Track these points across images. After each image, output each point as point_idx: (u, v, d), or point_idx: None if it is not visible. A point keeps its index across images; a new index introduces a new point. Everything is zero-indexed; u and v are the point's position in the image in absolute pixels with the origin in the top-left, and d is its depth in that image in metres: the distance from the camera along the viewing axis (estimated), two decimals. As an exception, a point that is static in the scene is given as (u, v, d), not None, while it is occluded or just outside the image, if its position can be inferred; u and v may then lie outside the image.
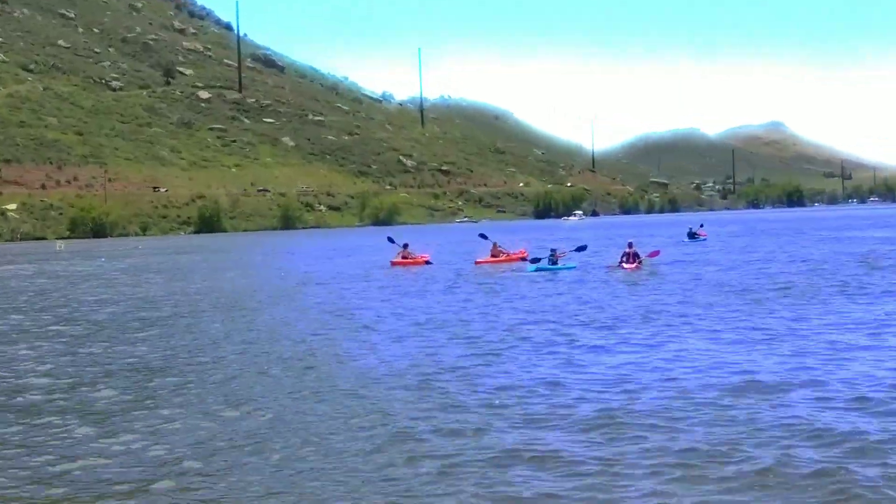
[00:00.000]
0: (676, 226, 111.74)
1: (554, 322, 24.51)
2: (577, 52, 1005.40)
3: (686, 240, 75.44)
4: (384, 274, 47.93)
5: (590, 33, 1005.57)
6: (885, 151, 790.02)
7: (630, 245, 45.25)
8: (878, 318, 23.16)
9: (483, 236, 57.31)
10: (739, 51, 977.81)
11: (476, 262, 52.02)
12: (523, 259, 50.62)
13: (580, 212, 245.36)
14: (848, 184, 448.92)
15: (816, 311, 25.10)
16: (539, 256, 46.74)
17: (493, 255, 53.20)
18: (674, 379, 16.08)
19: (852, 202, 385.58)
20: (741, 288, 33.01)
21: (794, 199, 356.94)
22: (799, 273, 39.14)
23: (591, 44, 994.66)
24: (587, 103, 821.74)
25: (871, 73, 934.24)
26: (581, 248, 49.50)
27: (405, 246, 54.78)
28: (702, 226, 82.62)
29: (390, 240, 58.74)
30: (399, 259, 53.59)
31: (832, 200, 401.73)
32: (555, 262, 45.24)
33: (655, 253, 46.29)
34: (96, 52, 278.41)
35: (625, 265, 43.46)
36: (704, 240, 75.77)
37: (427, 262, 52.81)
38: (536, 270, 44.14)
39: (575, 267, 44.73)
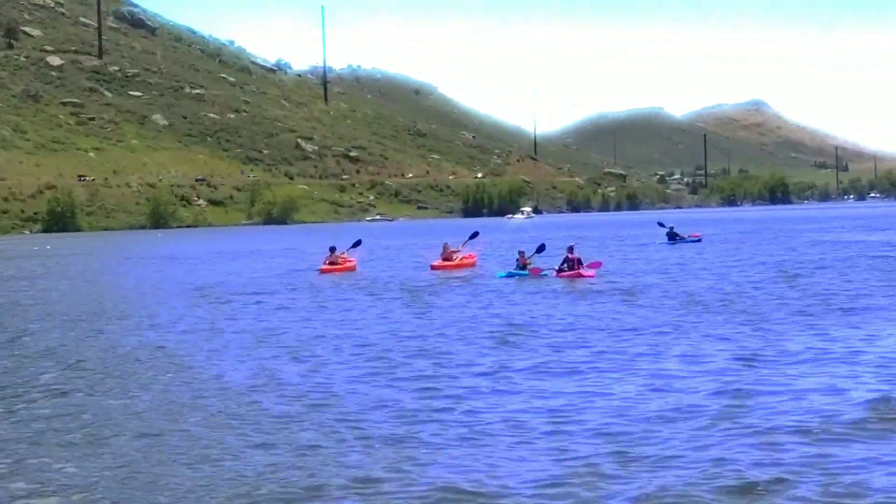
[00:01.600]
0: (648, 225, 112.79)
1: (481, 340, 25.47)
2: (517, 15, 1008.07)
3: (667, 242, 76.02)
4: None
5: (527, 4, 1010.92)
6: (887, 138, 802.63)
7: (571, 250, 46.18)
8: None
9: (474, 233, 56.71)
10: (713, 17, 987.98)
11: (432, 267, 52.16)
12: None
13: (528, 209, 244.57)
14: (843, 176, 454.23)
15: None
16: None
17: (444, 259, 53.08)
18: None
19: (849, 198, 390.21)
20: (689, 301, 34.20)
21: (779, 194, 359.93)
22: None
23: (534, 5, 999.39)
24: (529, 76, 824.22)
25: (869, 48, 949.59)
26: (540, 249, 48.88)
27: (332, 249, 54.42)
28: (675, 234, 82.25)
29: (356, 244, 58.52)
30: (326, 264, 53.53)
31: (824, 196, 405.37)
32: (523, 267, 45.62)
33: (597, 264, 45.75)
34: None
35: (564, 273, 44.39)
36: (698, 241, 76.13)
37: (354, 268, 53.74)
38: (508, 276, 44.93)
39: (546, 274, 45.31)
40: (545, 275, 44.51)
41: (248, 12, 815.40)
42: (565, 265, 44.38)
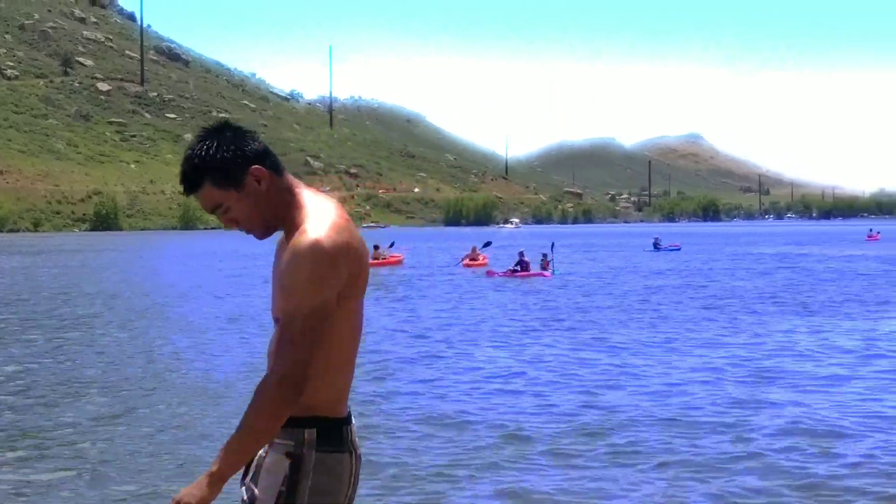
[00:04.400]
0: (613, 236, 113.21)
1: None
2: (493, 56, 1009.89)
3: (651, 249, 77.35)
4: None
5: (507, 36, 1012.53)
6: (804, 167, 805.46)
7: (522, 254, 47.03)
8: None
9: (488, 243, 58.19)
10: (658, 59, 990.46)
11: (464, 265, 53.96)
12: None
13: (517, 220, 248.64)
14: (765, 199, 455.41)
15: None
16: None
17: (472, 259, 54.69)
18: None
19: (769, 218, 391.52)
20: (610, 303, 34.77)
21: (710, 213, 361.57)
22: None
23: (509, 47, 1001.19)
24: (502, 108, 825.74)
25: (792, 87, 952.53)
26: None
27: (376, 247, 55.33)
28: (657, 244, 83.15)
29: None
30: (371, 258, 54.51)
31: (749, 216, 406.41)
32: (546, 266, 46.48)
33: (543, 274, 45.80)
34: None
35: (517, 273, 45.20)
36: (677, 249, 77.89)
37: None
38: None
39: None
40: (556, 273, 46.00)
41: (267, 48, 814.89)
42: (518, 266, 45.37)
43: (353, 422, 3.70)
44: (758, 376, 17.28)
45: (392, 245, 61.41)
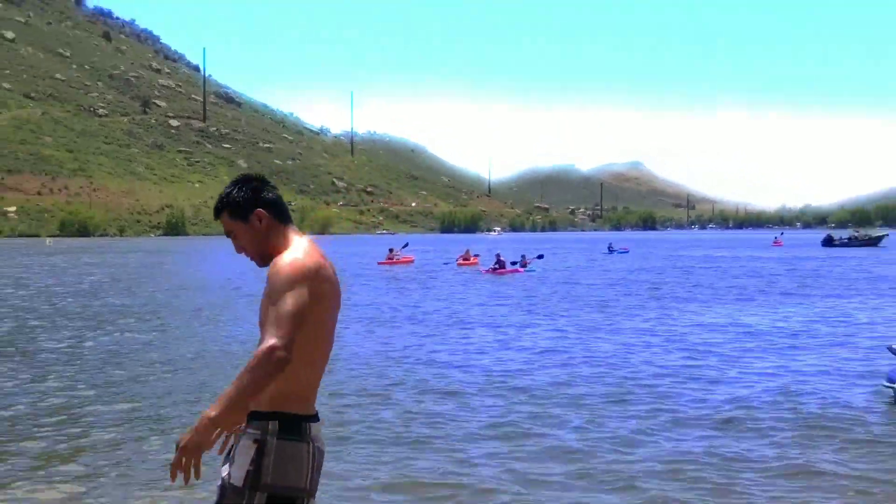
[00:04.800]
0: (572, 242, 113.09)
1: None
2: (480, 98, 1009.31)
3: (606, 252, 77.36)
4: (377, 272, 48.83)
5: (491, 82, 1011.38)
6: (723, 188, 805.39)
7: (498, 255, 47.53)
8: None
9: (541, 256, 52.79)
10: (610, 100, 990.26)
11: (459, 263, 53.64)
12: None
13: (499, 228, 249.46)
14: (692, 213, 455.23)
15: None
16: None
17: (465, 259, 54.26)
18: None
19: (695, 228, 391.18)
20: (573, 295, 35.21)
21: (649, 224, 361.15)
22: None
23: (493, 91, 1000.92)
24: (487, 140, 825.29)
25: (713, 123, 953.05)
26: (540, 256, 51.41)
27: (391, 251, 56.77)
28: (611, 248, 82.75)
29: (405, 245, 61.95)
30: (386, 259, 55.46)
31: (679, 226, 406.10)
32: (525, 266, 47.13)
33: (517, 271, 45.88)
34: (86, 85, 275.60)
35: (496, 270, 45.68)
36: (626, 252, 77.80)
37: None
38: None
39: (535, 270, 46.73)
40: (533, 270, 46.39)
41: (302, 93, 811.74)
42: (496, 265, 45.75)
43: (319, 421, 3.69)
44: (685, 349, 17.77)
45: (406, 246, 61.61)
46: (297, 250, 3.68)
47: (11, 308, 26.39)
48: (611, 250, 78.41)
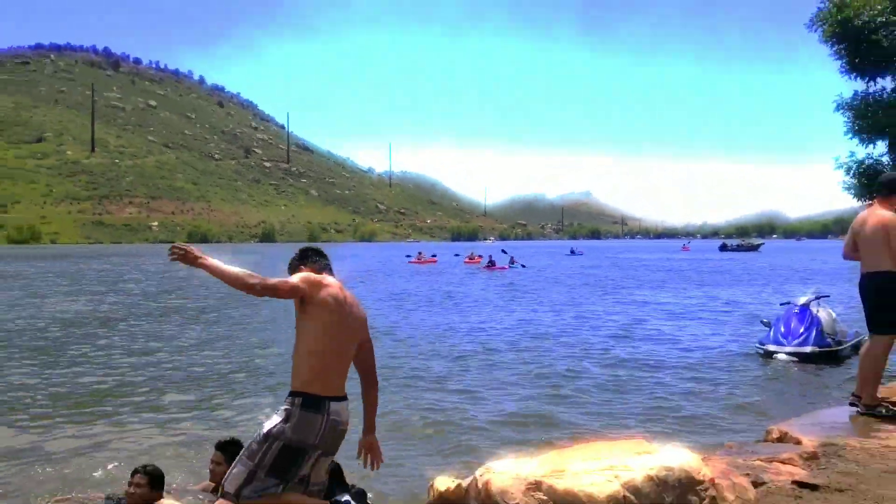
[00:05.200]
0: (548, 248, 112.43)
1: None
2: (480, 143, 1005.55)
3: (569, 254, 76.69)
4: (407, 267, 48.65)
5: (487, 135, 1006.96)
6: (647, 210, 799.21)
7: (491, 256, 47.58)
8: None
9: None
10: (569, 146, 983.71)
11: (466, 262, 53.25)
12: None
13: (492, 238, 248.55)
14: (624, 227, 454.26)
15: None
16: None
17: (470, 259, 54.17)
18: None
19: (626, 238, 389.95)
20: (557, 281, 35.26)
21: (595, 235, 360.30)
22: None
23: (488, 141, 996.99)
24: (484, 176, 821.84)
25: (644, 163, 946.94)
26: (523, 266, 46.70)
27: (419, 253, 57.66)
28: (572, 251, 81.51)
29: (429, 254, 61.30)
30: (416, 259, 55.42)
31: (616, 236, 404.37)
32: (513, 263, 45.91)
33: (504, 268, 45.06)
34: (206, 138, 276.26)
35: (490, 266, 45.81)
36: (581, 254, 76.81)
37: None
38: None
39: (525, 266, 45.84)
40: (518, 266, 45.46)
41: (356, 143, 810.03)
42: (490, 263, 45.83)
43: (343, 401, 3.69)
44: (623, 320, 17.98)
45: (434, 256, 60.94)
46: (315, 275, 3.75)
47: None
48: (573, 252, 78.31)
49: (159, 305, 21.67)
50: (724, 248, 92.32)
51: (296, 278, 3.65)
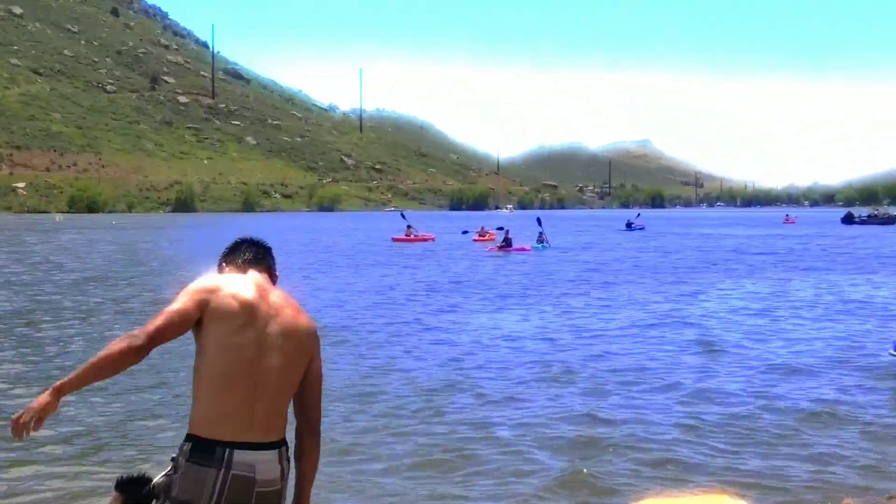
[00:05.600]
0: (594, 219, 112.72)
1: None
2: (488, 73, 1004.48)
3: (624, 229, 77.07)
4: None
5: (499, 56, 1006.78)
6: (730, 166, 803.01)
7: (507, 232, 47.70)
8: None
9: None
10: (617, 76, 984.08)
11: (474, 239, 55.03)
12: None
13: (511, 206, 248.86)
14: (700, 191, 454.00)
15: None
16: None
17: (480, 235, 55.40)
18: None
19: (702, 206, 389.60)
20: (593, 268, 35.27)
21: (657, 202, 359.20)
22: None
23: (501, 65, 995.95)
24: (496, 117, 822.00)
25: (721, 101, 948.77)
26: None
27: (408, 227, 56.80)
28: (638, 215, 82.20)
29: (402, 216, 61.21)
30: (403, 236, 55.63)
31: (687, 204, 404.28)
32: (541, 242, 48.37)
33: (524, 249, 46.11)
34: (95, 61, 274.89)
35: (503, 247, 46.07)
36: (642, 229, 77.36)
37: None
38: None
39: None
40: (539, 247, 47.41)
41: (311, 69, 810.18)
42: (504, 242, 46.05)
43: (261, 450, 3.58)
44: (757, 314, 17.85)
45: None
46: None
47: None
48: (629, 226, 77.64)
49: (26, 303, 21.47)
50: (849, 219, 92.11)
51: (180, 298, 3.60)
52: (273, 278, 3.92)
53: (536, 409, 10.39)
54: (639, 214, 79.45)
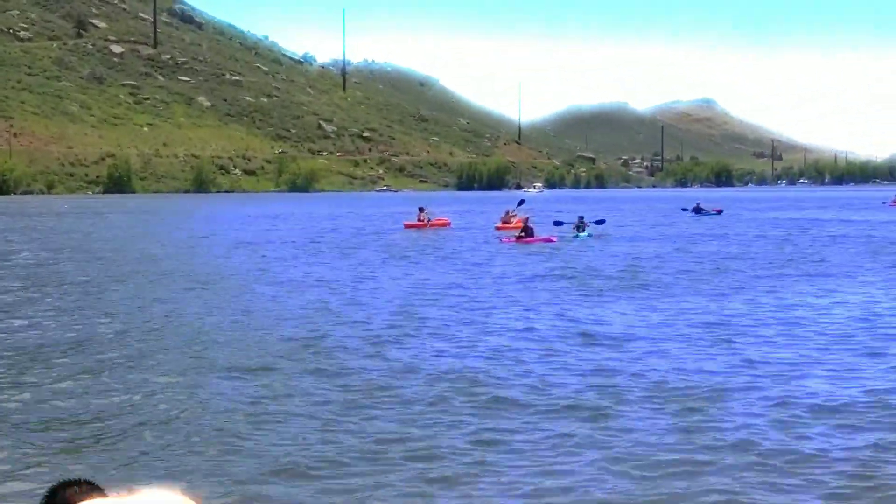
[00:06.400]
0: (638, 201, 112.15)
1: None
2: (505, 19, 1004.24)
3: (692, 213, 76.50)
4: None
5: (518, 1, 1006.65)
6: (817, 132, 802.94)
7: (527, 220, 47.31)
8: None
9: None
10: (671, 24, 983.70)
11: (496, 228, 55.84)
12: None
13: (539, 184, 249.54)
14: (778, 164, 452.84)
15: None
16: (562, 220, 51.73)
17: (504, 223, 56.43)
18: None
19: (781, 184, 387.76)
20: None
21: (723, 178, 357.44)
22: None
23: (522, 9, 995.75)
24: (515, 71, 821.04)
25: (805, 54, 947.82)
26: (600, 222, 53.46)
27: (420, 209, 60.40)
28: (699, 208, 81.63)
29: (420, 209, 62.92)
30: (416, 222, 58.88)
31: (762, 181, 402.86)
32: (581, 229, 49.28)
33: (549, 239, 46.06)
34: (5, 2, 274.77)
35: (522, 238, 45.73)
36: (719, 213, 76.49)
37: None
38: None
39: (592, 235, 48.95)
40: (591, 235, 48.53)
41: (280, 11, 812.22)
42: (523, 233, 46.26)
43: None
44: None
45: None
46: None
47: None
48: (697, 210, 76.49)
49: None
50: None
51: None
52: None
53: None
54: (697, 207, 78.05)
